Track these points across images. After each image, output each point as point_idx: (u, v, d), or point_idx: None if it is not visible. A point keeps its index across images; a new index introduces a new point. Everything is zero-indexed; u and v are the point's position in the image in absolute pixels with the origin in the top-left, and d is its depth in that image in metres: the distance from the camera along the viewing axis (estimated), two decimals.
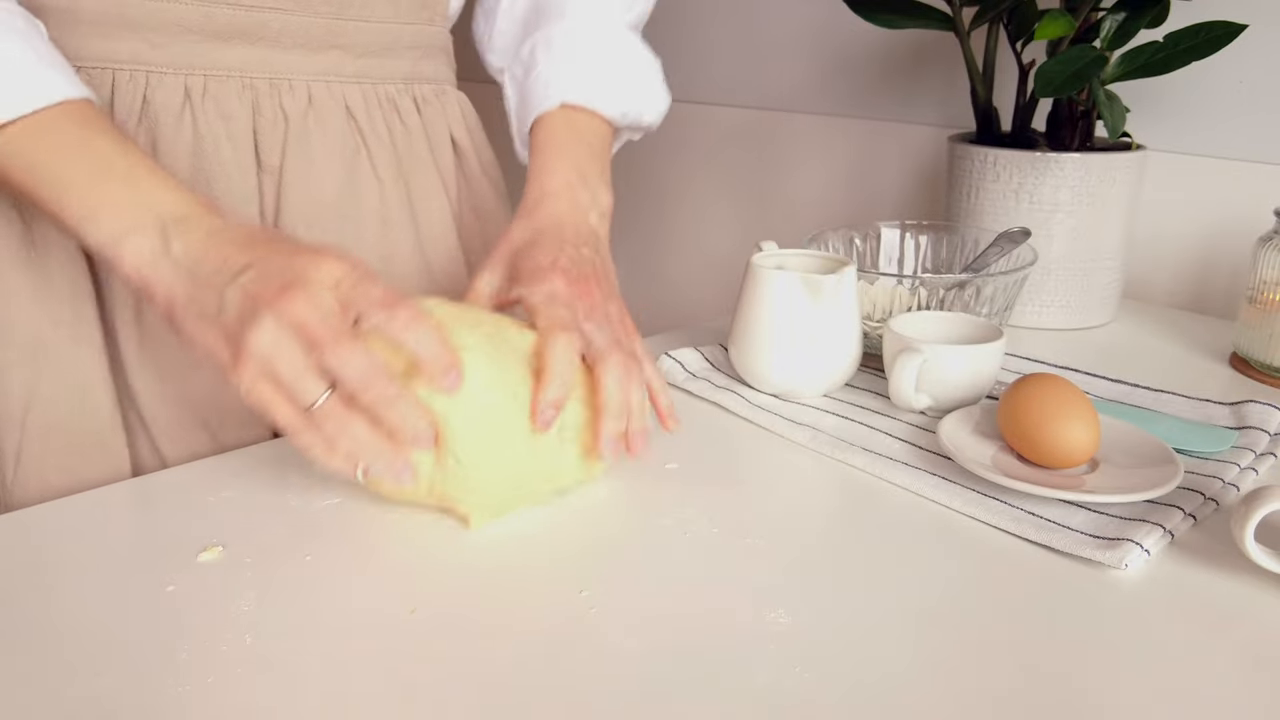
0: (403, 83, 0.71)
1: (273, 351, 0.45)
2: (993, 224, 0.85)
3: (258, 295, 0.46)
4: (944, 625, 0.44)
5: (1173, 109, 0.92)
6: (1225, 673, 0.41)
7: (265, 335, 0.45)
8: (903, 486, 0.56)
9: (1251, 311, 0.74)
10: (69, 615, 0.44)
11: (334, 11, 0.64)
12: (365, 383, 0.46)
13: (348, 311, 0.47)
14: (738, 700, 0.39)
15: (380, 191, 0.69)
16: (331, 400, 0.47)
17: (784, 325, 0.66)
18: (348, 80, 0.67)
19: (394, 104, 0.70)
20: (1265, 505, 0.46)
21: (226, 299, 0.47)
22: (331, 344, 0.46)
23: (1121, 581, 0.47)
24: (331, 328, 0.46)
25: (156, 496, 0.56)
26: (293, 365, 0.46)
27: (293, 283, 0.46)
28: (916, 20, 0.88)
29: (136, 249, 0.49)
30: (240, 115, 0.63)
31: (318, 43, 0.64)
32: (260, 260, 0.48)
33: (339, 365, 0.46)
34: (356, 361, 0.46)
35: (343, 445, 0.47)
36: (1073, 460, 0.55)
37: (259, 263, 0.48)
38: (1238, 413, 0.64)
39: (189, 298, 0.49)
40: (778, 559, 0.49)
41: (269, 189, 0.65)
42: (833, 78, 1.20)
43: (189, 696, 0.39)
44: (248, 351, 0.46)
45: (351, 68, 0.67)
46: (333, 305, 0.46)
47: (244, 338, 0.46)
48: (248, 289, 0.47)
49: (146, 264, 0.49)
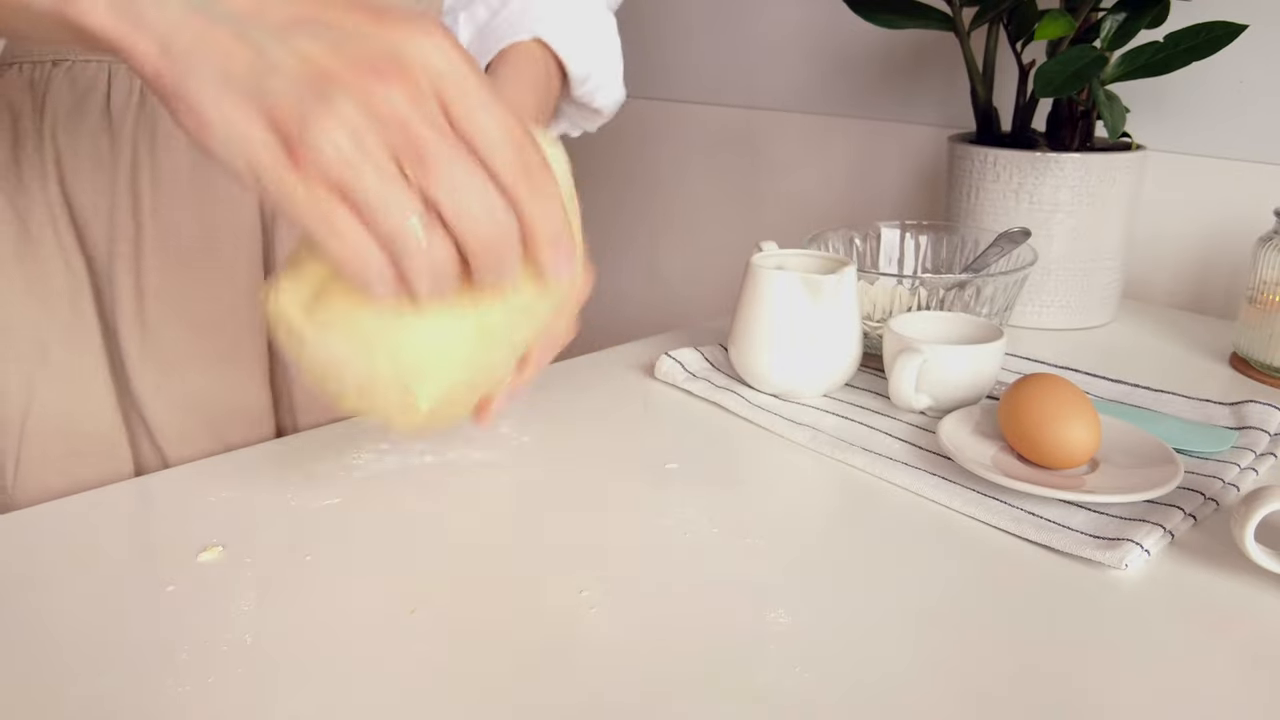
0: None
1: (352, 153, 0.31)
2: (993, 224, 0.85)
3: (326, 68, 0.31)
4: (944, 625, 0.44)
5: (1173, 109, 0.92)
6: (1225, 673, 0.41)
7: (342, 124, 0.31)
8: (903, 486, 0.56)
9: (1251, 311, 0.74)
10: (69, 615, 0.44)
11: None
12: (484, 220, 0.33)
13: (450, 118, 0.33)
14: (738, 700, 0.39)
15: None
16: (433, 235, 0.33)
17: (784, 325, 0.66)
18: None
19: None
20: (1265, 505, 0.46)
21: (273, 59, 0.32)
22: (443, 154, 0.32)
23: (1121, 581, 0.47)
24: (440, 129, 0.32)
25: (156, 497, 0.56)
26: (380, 176, 0.32)
27: (385, 60, 0.32)
28: (916, 20, 0.88)
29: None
30: None
31: None
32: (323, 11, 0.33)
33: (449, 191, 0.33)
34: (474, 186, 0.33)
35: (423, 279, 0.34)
36: (1073, 460, 0.55)
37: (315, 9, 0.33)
38: (1238, 413, 0.64)
39: (199, 45, 0.32)
40: (778, 559, 0.49)
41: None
42: (832, 78, 1.20)
43: (189, 696, 0.39)
44: (312, 150, 0.31)
45: None
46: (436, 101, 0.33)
47: (309, 130, 0.31)
48: (308, 53, 0.32)
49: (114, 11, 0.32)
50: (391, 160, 0.32)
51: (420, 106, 0.32)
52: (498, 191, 0.34)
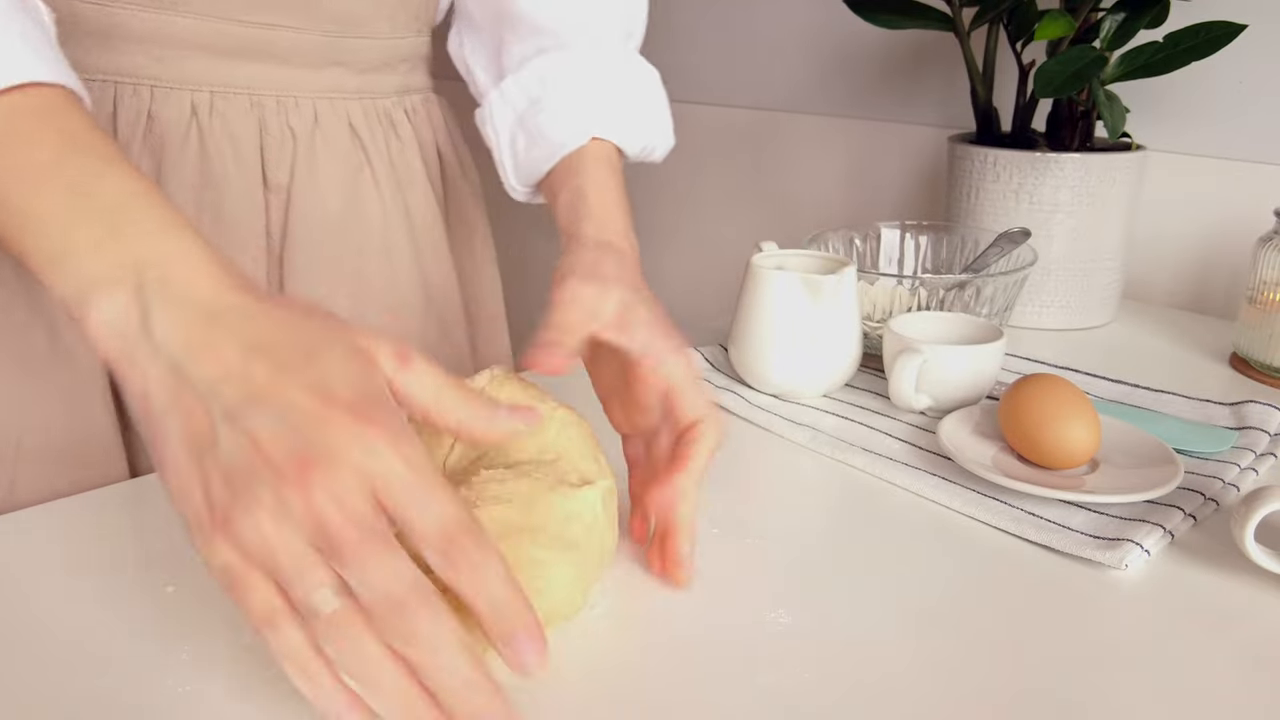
0: (396, 95, 0.70)
1: (271, 543, 0.33)
2: (993, 224, 0.85)
3: (266, 459, 0.33)
4: (944, 625, 0.44)
5: (1173, 109, 0.92)
6: (1225, 673, 0.41)
7: (263, 526, 0.33)
8: (903, 487, 0.56)
9: (1251, 311, 0.74)
10: (69, 615, 0.44)
11: (340, 30, 0.63)
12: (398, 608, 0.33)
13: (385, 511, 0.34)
14: (738, 700, 0.39)
15: (382, 208, 0.69)
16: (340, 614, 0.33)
17: (784, 325, 0.66)
18: (350, 97, 0.66)
19: (389, 118, 0.70)
20: (1265, 505, 0.46)
21: (221, 439, 0.34)
22: (357, 548, 0.33)
23: (1121, 581, 0.47)
24: (361, 528, 0.33)
25: (156, 497, 0.56)
26: (295, 559, 0.33)
27: (316, 459, 0.33)
28: (916, 20, 0.88)
29: (104, 316, 0.35)
30: (247, 133, 0.62)
31: (321, 60, 0.64)
32: (271, 384, 0.34)
33: (367, 580, 0.33)
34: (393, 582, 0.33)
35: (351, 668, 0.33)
36: (1073, 460, 0.55)
37: (270, 389, 0.34)
38: (1238, 413, 0.64)
39: (171, 404, 0.35)
40: (778, 559, 0.49)
41: (275, 208, 0.64)
42: (832, 78, 1.20)
43: (189, 696, 0.39)
44: (234, 530, 0.33)
45: (353, 84, 0.66)
46: (366, 501, 0.33)
47: (233, 512, 0.33)
48: (253, 439, 0.33)
49: (116, 339, 0.35)
50: (308, 546, 0.33)
51: (343, 506, 0.33)
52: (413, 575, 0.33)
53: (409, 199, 0.71)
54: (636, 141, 0.65)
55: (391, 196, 0.69)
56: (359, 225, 0.67)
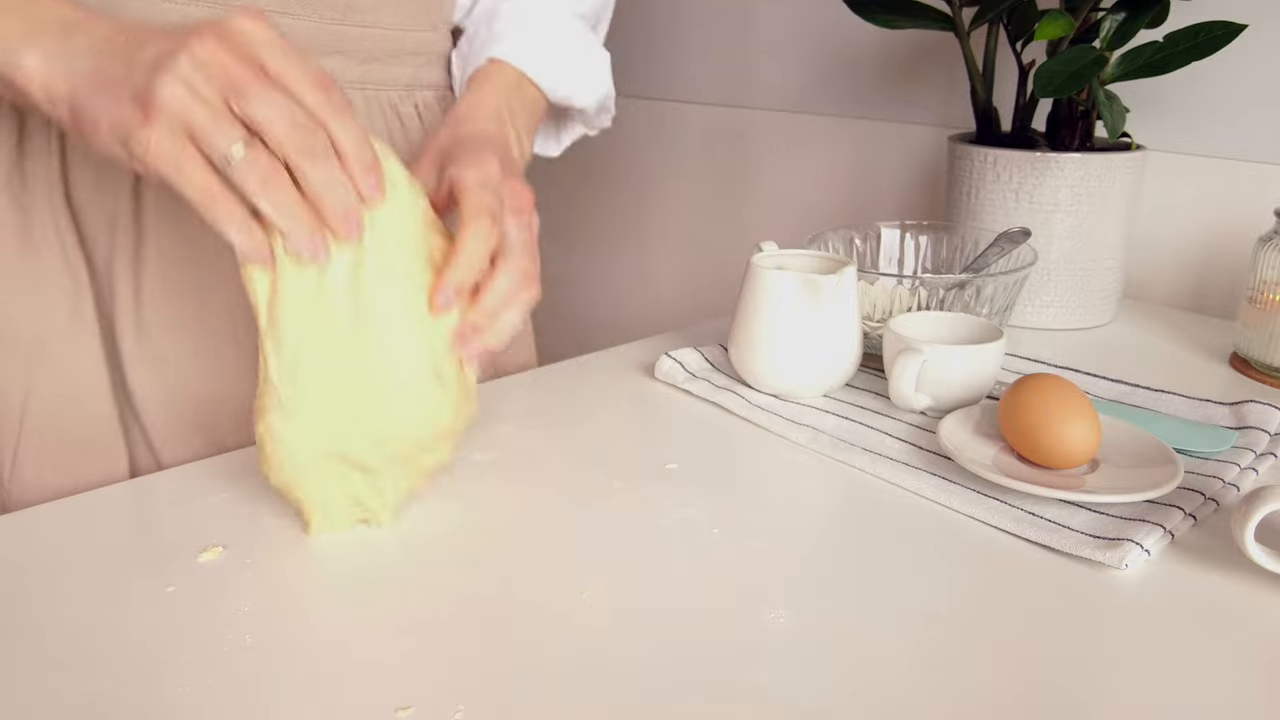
0: (405, 89, 0.70)
1: (186, 96, 0.41)
2: (993, 224, 0.85)
3: (172, 47, 0.41)
4: (943, 625, 0.44)
5: (1173, 109, 0.92)
6: (1225, 673, 0.41)
7: (177, 79, 0.41)
8: (903, 487, 0.56)
9: (1251, 311, 0.74)
10: (69, 615, 0.44)
11: (339, 17, 0.64)
12: (293, 130, 0.42)
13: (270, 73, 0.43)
14: (738, 700, 0.39)
15: None
16: (254, 152, 0.42)
17: (784, 325, 0.66)
18: (350, 85, 0.66)
19: (396, 111, 0.70)
20: (1265, 505, 0.46)
21: (137, 60, 0.42)
22: (255, 85, 0.41)
23: (1121, 581, 0.47)
24: (255, 71, 0.42)
25: (156, 497, 0.56)
26: (209, 110, 0.41)
27: (210, 29, 0.42)
28: (916, 20, 0.88)
29: (40, 51, 0.44)
30: None
31: (321, 48, 0.64)
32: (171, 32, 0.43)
33: (262, 108, 0.41)
34: (283, 105, 0.42)
35: (264, 207, 0.42)
36: (1073, 460, 0.55)
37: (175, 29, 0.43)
38: (1238, 413, 0.64)
39: (95, 75, 0.43)
40: (778, 559, 0.49)
41: None
42: (832, 78, 1.20)
43: (189, 696, 0.39)
44: (157, 101, 0.41)
45: (354, 73, 0.66)
46: (256, 57, 0.42)
47: (153, 86, 0.41)
48: (161, 45, 0.42)
49: (50, 60, 0.44)
50: (219, 96, 0.41)
51: (238, 57, 0.41)
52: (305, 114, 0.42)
53: None
54: (545, 72, 0.69)
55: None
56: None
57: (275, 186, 0.42)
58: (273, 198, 0.42)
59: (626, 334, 0.84)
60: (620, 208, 1.50)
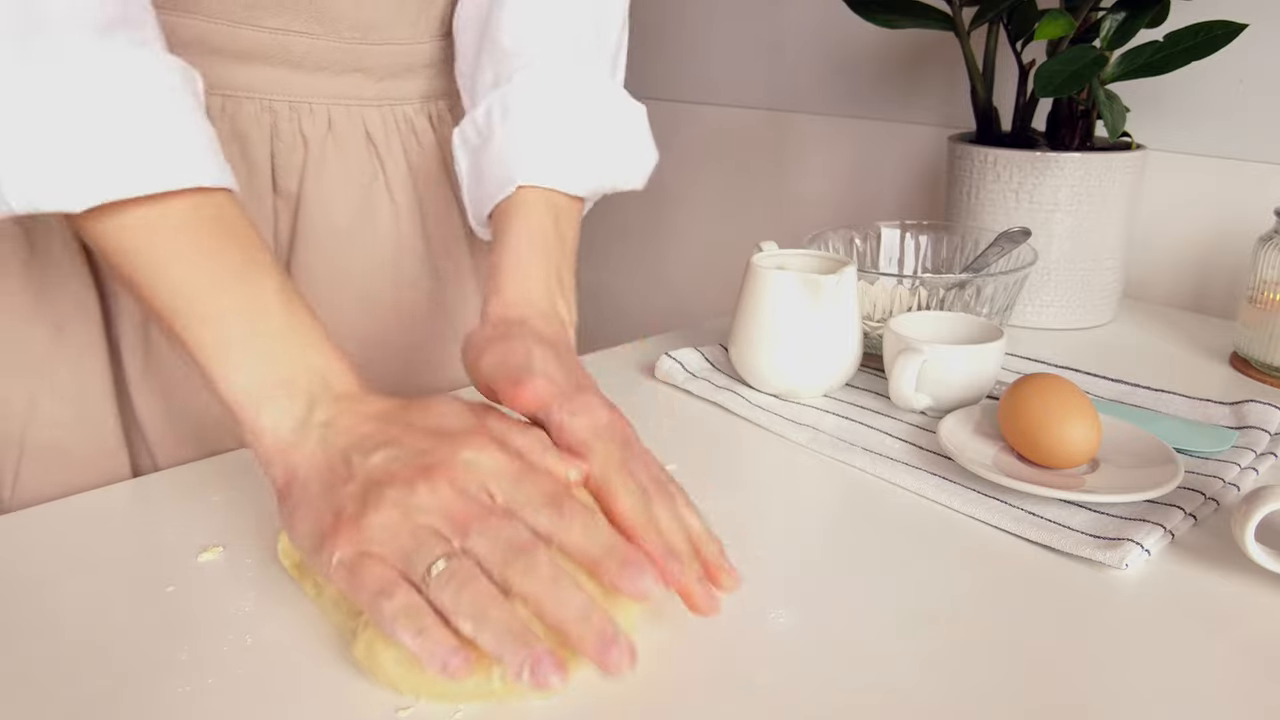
0: (420, 101, 0.69)
1: (396, 530, 0.38)
2: (993, 224, 0.85)
3: (395, 473, 0.40)
4: (944, 625, 0.44)
5: (1173, 109, 0.92)
6: (1225, 673, 0.41)
7: (386, 511, 0.38)
8: (903, 487, 0.56)
9: (1251, 311, 0.74)
10: (69, 615, 0.44)
11: (359, 35, 0.63)
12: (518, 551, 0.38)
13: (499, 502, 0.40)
14: (738, 700, 0.39)
15: (395, 215, 0.68)
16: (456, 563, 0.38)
17: (784, 325, 0.66)
18: (368, 103, 0.66)
19: (411, 124, 0.69)
20: (1265, 505, 0.46)
21: (356, 470, 0.40)
22: (482, 519, 0.38)
23: (1121, 581, 0.47)
24: (480, 506, 0.39)
25: (156, 497, 0.56)
26: (417, 536, 0.38)
27: (437, 464, 0.40)
28: (916, 20, 0.88)
29: (283, 412, 0.43)
30: (258, 138, 0.61)
31: (340, 65, 0.63)
32: (401, 436, 0.42)
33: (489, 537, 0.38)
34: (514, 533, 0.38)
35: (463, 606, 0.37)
36: (1073, 460, 0.55)
37: (402, 438, 0.41)
38: (1238, 412, 0.64)
39: (318, 468, 0.42)
40: (778, 559, 0.49)
41: (284, 215, 0.64)
42: (833, 78, 1.20)
43: (189, 696, 0.39)
44: (362, 525, 0.38)
45: (372, 90, 0.65)
46: (482, 490, 0.40)
47: (362, 510, 0.39)
48: (386, 465, 0.40)
49: (288, 430, 0.43)
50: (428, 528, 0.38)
51: (460, 493, 0.39)
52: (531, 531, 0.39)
53: (426, 205, 0.70)
54: (584, 183, 0.60)
55: (407, 203, 0.69)
56: (370, 233, 0.67)
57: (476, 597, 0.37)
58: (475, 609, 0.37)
59: (632, 334, 0.84)
60: (623, 208, 1.50)
